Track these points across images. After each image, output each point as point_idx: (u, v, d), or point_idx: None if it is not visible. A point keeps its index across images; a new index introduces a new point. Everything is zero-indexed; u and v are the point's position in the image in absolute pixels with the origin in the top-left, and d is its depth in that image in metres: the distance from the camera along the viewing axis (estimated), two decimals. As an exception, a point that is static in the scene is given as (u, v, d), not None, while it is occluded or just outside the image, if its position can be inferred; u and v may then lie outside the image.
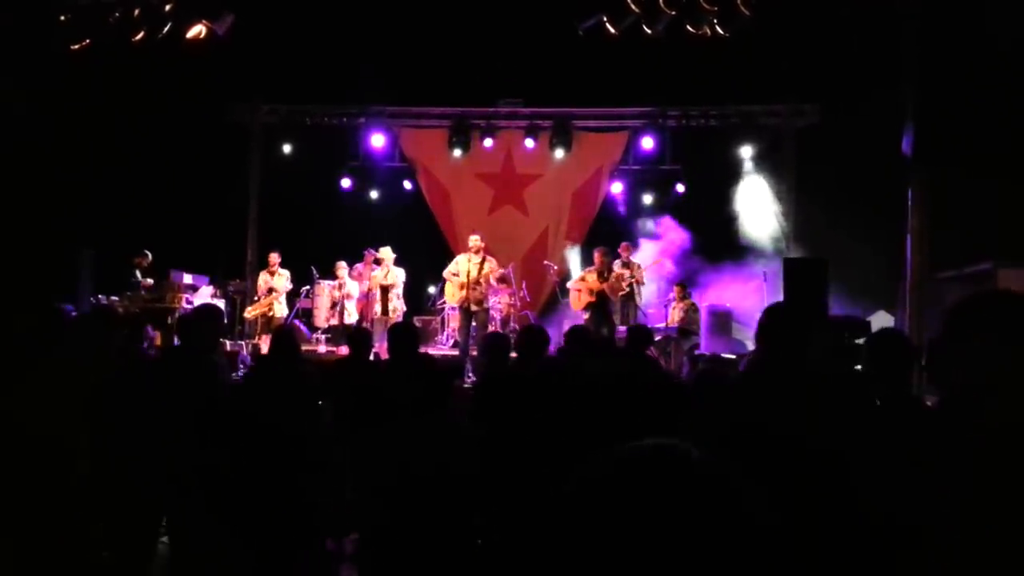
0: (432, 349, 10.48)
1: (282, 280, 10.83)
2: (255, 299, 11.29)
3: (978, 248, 9.00)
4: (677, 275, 11.07)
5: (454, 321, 10.93)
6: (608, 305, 9.87)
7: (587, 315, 9.86)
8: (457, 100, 12.69)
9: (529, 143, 12.75)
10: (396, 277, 10.47)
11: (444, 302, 11.26)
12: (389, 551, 3.78)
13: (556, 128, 12.66)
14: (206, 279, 11.03)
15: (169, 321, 9.77)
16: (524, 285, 11.90)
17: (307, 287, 11.21)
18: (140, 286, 10.17)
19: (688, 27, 9.43)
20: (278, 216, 12.48)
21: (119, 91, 10.71)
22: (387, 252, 10.48)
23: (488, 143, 12.83)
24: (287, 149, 12.67)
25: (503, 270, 10.63)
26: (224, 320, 4.88)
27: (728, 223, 12.06)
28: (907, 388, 3.11)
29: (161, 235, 10.79)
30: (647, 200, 12.77)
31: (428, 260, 11.73)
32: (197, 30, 9.76)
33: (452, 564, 3.44)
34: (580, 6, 9.73)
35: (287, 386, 4.09)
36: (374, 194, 13.17)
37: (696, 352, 9.16)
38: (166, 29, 9.75)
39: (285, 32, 10.35)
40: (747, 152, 12.16)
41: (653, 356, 6.69)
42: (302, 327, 11.15)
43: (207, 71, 10.57)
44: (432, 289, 11.89)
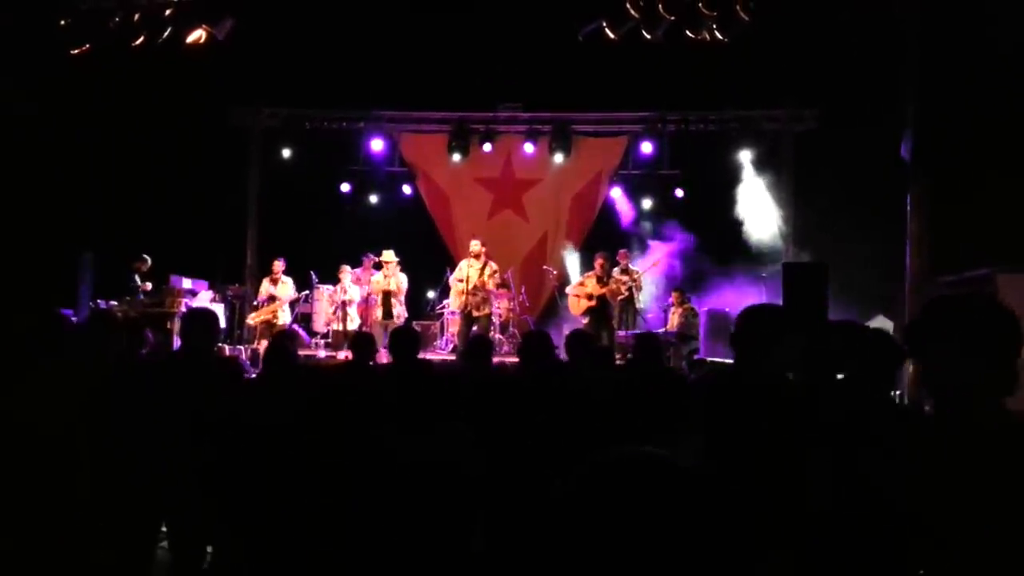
0: (431, 354, 10.47)
1: (286, 288, 10.82)
2: (254, 304, 11.28)
3: (977, 253, 9.01)
4: (675, 280, 11.07)
5: (453, 326, 10.93)
6: (608, 310, 9.88)
7: (587, 320, 9.86)
8: (457, 105, 12.72)
9: (529, 148, 12.77)
10: (401, 282, 10.47)
11: (443, 307, 11.27)
12: (387, 557, 3.78)
13: (555, 133, 12.68)
14: (205, 284, 11.03)
15: (168, 326, 9.77)
16: (523, 290, 11.90)
17: (306, 292, 11.21)
18: (139, 290, 10.16)
19: (687, 32, 9.45)
20: (278, 221, 12.48)
21: (119, 95, 10.72)
22: (390, 255, 10.46)
23: (488, 148, 12.84)
24: (287, 153, 12.68)
25: (503, 275, 10.64)
26: (219, 323, 4.89)
27: (727, 228, 12.05)
28: (888, 391, 3.04)
29: (161, 239, 10.78)
30: (646, 205, 12.77)
31: (427, 265, 11.74)
32: (197, 35, 9.77)
33: (451, 569, 3.44)
34: (580, 11, 9.75)
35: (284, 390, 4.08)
36: (374, 199, 13.17)
37: (695, 357, 9.17)
38: (166, 34, 9.76)
39: (286, 36, 10.36)
40: (746, 157, 12.16)
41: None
42: (301, 332, 11.14)
43: (207, 75, 10.58)
44: (431, 294, 11.89)
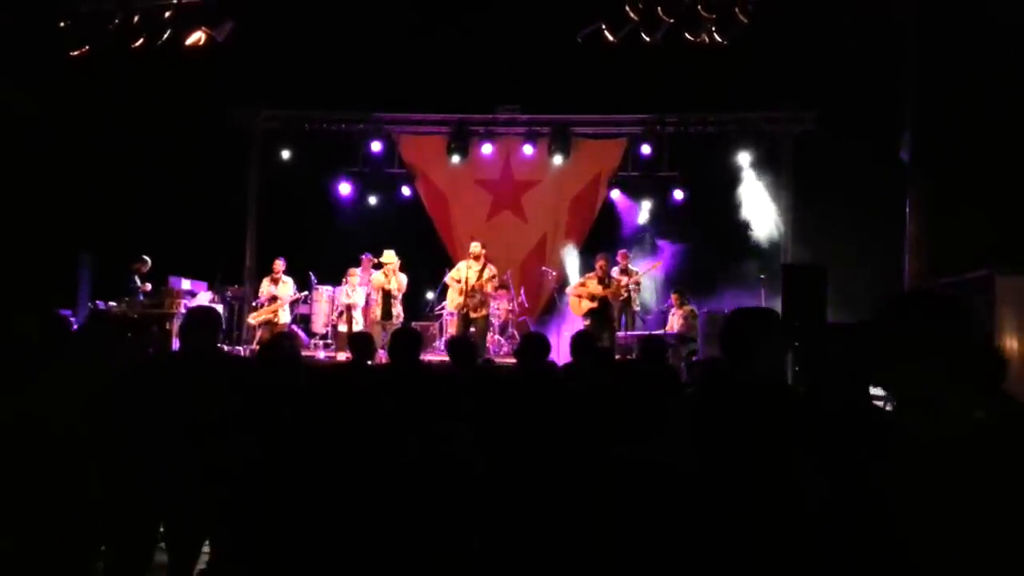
0: (430, 355, 10.48)
1: (286, 288, 10.83)
2: (253, 305, 11.29)
3: (976, 255, 9.02)
4: (675, 282, 11.09)
5: (452, 327, 10.94)
6: (609, 311, 9.89)
7: (587, 321, 9.88)
8: (456, 107, 12.74)
9: (528, 150, 12.79)
10: (401, 282, 10.46)
11: (443, 308, 11.27)
12: (388, 556, 3.78)
13: (555, 135, 12.69)
14: (205, 285, 11.03)
15: (167, 326, 9.78)
16: (522, 291, 11.92)
17: (305, 292, 11.22)
18: (139, 291, 10.16)
19: (686, 34, 9.46)
20: (277, 222, 12.49)
21: (119, 97, 10.73)
22: (390, 256, 10.44)
23: (487, 149, 12.86)
24: (286, 155, 12.69)
25: (502, 277, 10.65)
26: (221, 323, 4.92)
27: (727, 230, 12.07)
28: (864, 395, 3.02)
29: (160, 240, 10.79)
30: (645, 206, 12.79)
31: (426, 266, 11.74)
32: (197, 37, 9.78)
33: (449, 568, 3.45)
34: (579, 13, 9.77)
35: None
36: (373, 200, 13.18)
37: (694, 359, 9.18)
38: (166, 36, 9.77)
39: (285, 38, 10.38)
40: (745, 159, 12.17)
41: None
42: (300, 333, 11.16)
43: (207, 77, 10.59)
44: (430, 295, 11.90)
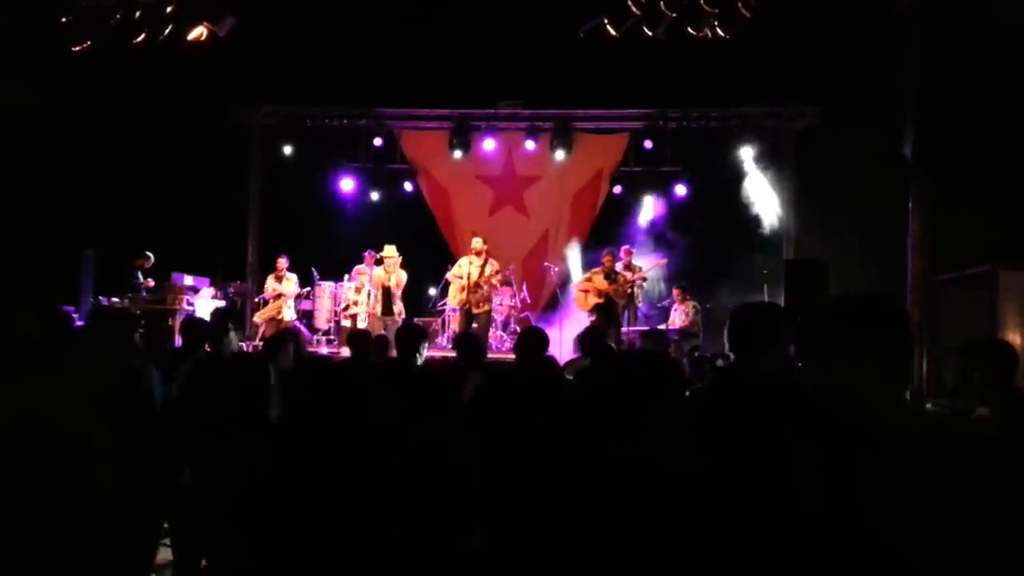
0: (433, 350, 10.47)
1: (290, 285, 10.83)
2: (256, 302, 11.30)
3: (978, 250, 9.01)
4: (677, 277, 11.07)
5: (455, 323, 10.94)
6: (615, 307, 9.89)
7: (592, 317, 9.86)
8: (457, 102, 12.70)
9: (530, 145, 12.76)
10: (400, 279, 10.45)
11: (444, 304, 11.27)
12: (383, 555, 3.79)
13: (557, 130, 12.67)
14: (207, 281, 11.04)
15: (169, 323, 9.79)
16: (525, 287, 11.91)
17: (308, 288, 11.22)
18: (141, 287, 10.17)
19: (689, 29, 9.45)
20: (279, 218, 12.48)
21: (120, 93, 10.72)
22: (391, 251, 10.42)
23: (489, 145, 12.84)
24: (288, 151, 12.66)
25: (504, 273, 10.64)
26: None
27: (729, 225, 12.05)
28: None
29: (162, 237, 10.79)
30: (648, 202, 12.77)
31: (429, 262, 11.74)
32: (198, 32, 9.77)
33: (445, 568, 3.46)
34: (581, 8, 9.75)
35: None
36: (375, 196, 13.16)
37: (697, 355, 9.15)
38: (167, 31, 9.76)
39: (286, 34, 10.36)
40: (748, 154, 12.15)
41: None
42: (303, 329, 11.16)
43: (208, 73, 10.58)
44: (433, 291, 11.90)
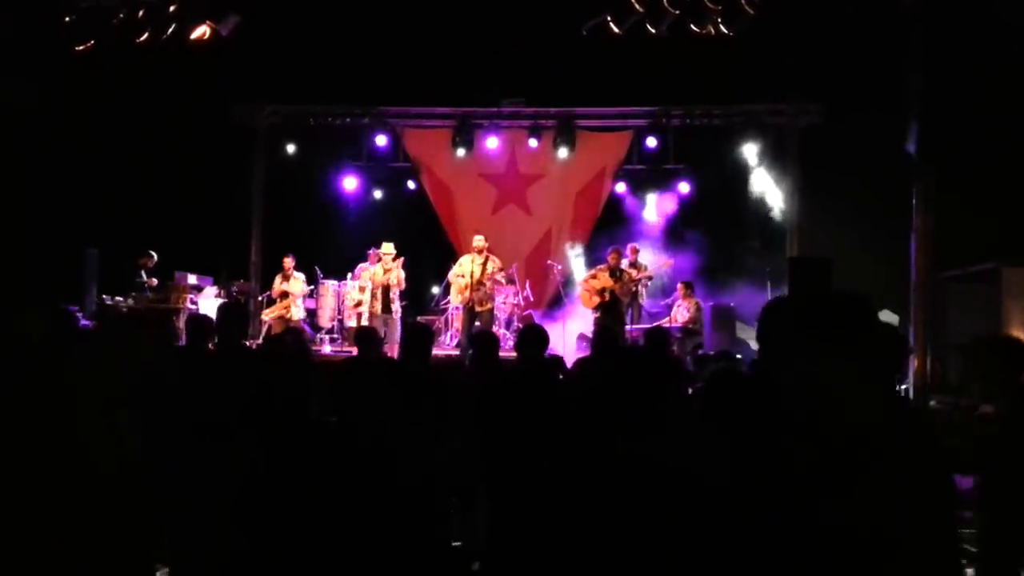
0: (436, 349, 10.47)
1: (297, 284, 10.85)
2: (260, 300, 11.33)
3: (982, 247, 9.00)
4: (682, 273, 11.07)
5: (458, 321, 10.94)
6: (619, 305, 9.89)
7: (597, 315, 9.87)
8: (460, 100, 12.69)
9: (532, 143, 12.75)
10: (400, 276, 10.45)
11: (447, 302, 11.27)
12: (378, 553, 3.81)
13: (559, 127, 12.65)
14: (210, 280, 11.06)
15: (175, 320, 9.80)
16: (528, 285, 11.91)
17: (311, 287, 11.23)
18: (145, 287, 10.19)
19: (692, 26, 9.43)
20: (282, 217, 12.50)
21: (123, 92, 10.74)
22: (389, 248, 10.40)
23: (491, 143, 12.83)
24: (291, 149, 12.66)
25: (507, 271, 10.63)
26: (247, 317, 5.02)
27: (732, 222, 12.05)
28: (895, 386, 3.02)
29: (166, 236, 10.81)
30: (651, 199, 12.77)
31: (431, 260, 11.75)
32: (201, 31, 9.78)
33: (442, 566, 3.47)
34: (584, 6, 9.74)
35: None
36: (378, 194, 13.18)
37: (700, 352, 9.16)
38: (170, 30, 9.77)
39: (289, 32, 10.37)
40: (751, 151, 12.13)
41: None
42: (306, 327, 11.17)
43: (211, 72, 10.59)
44: (436, 289, 11.90)
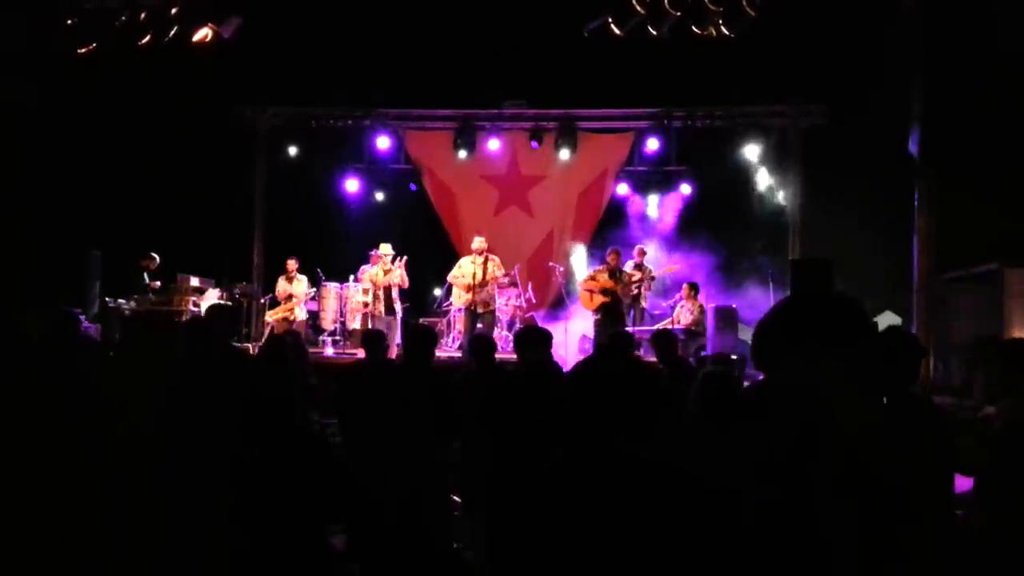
0: (438, 351, 10.47)
1: (301, 286, 10.86)
2: (262, 302, 11.34)
3: (984, 248, 8.99)
4: (684, 275, 11.07)
5: (460, 323, 10.93)
6: (620, 306, 9.88)
7: (598, 316, 9.86)
8: (462, 102, 12.69)
9: (534, 144, 12.74)
10: (404, 276, 10.43)
11: (450, 304, 11.26)
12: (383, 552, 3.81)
13: (561, 129, 12.65)
14: (213, 282, 11.06)
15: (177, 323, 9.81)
16: (530, 287, 11.90)
17: (314, 289, 11.23)
18: (148, 289, 10.19)
19: (693, 27, 9.43)
20: (284, 219, 12.50)
21: (126, 94, 10.76)
22: (387, 248, 10.38)
23: (493, 145, 12.82)
24: (292, 151, 12.66)
25: (509, 273, 10.62)
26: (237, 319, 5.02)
27: (734, 223, 12.04)
28: (910, 387, 3.02)
29: (168, 238, 10.82)
30: (653, 201, 12.76)
31: (434, 262, 11.74)
32: (203, 33, 9.80)
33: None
34: (585, 7, 9.74)
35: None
36: (379, 196, 13.18)
37: (702, 353, 9.16)
38: (172, 33, 9.79)
39: (290, 35, 10.38)
40: (753, 152, 12.12)
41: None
42: (309, 330, 11.18)
43: (213, 74, 10.61)
44: (438, 291, 11.90)
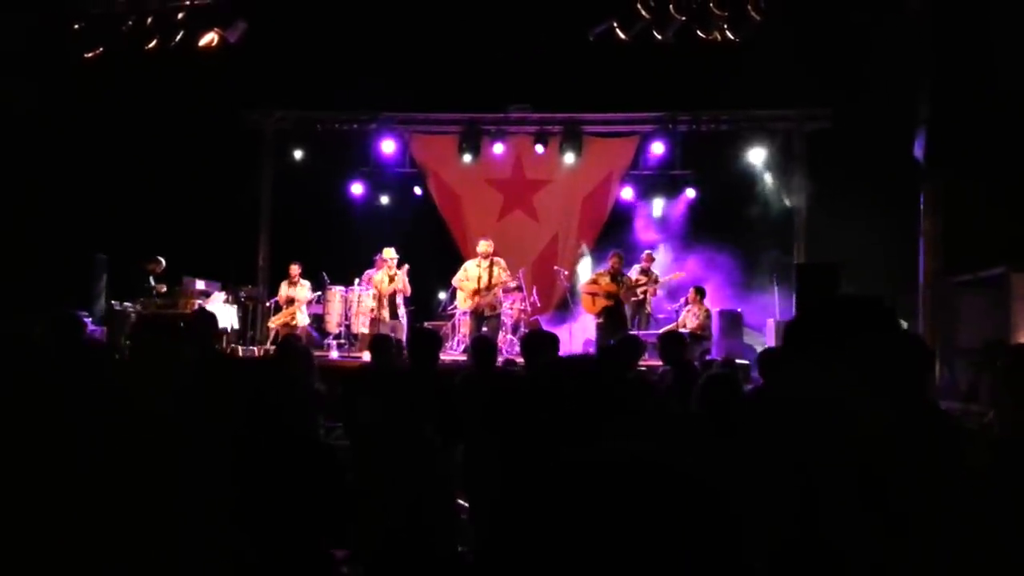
0: (443, 355, 10.46)
1: (303, 291, 10.88)
2: (268, 306, 11.36)
3: (991, 252, 8.95)
4: (688, 279, 11.05)
5: (465, 327, 10.94)
6: (623, 309, 9.86)
7: (600, 320, 9.84)
8: (467, 106, 12.72)
9: (539, 148, 12.75)
10: (406, 282, 10.45)
11: (455, 307, 11.26)
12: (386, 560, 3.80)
13: (566, 133, 12.66)
14: (218, 285, 11.08)
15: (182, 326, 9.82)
16: (534, 291, 11.90)
17: (318, 293, 11.25)
18: (154, 292, 10.22)
19: (698, 32, 9.43)
20: (290, 222, 12.53)
21: (132, 99, 10.80)
22: (391, 252, 10.38)
23: (498, 149, 12.84)
24: (298, 155, 12.71)
25: (515, 278, 10.62)
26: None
27: (739, 228, 12.02)
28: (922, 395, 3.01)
29: (173, 241, 10.85)
30: (658, 205, 12.75)
31: (438, 266, 11.75)
32: (209, 38, 9.83)
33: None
34: (590, 12, 9.75)
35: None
36: (385, 200, 13.20)
37: (707, 358, 9.13)
38: (179, 37, 9.82)
39: (297, 39, 10.41)
40: (758, 156, 12.11)
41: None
42: (313, 333, 11.19)
43: (219, 78, 10.64)
44: (443, 295, 11.90)
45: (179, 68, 10.16)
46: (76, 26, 9.84)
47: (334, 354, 10.82)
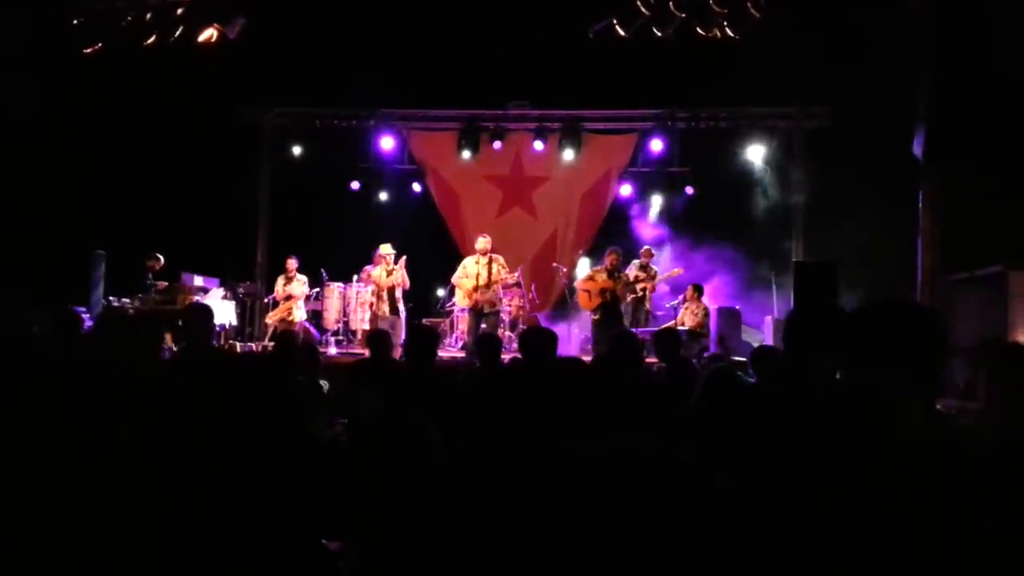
0: (441, 351, 10.48)
1: (300, 286, 10.87)
2: (266, 302, 11.36)
3: (989, 250, 8.96)
4: (686, 276, 11.06)
5: (463, 323, 10.95)
6: (618, 306, 9.85)
7: (596, 316, 9.84)
8: (466, 102, 12.72)
9: (538, 145, 12.75)
10: (405, 276, 10.44)
11: (453, 304, 11.27)
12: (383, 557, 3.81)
13: (565, 130, 12.66)
14: (217, 281, 11.08)
15: (180, 323, 9.83)
16: (533, 287, 11.91)
17: (317, 289, 11.25)
18: (152, 288, 10.22)
19: (698, 29, 9.43)
20: (288, 218, 12.53)
21: (131, 94, 10.79)
22: (388, 248, 10.36)
23: (497, 145, 12.84)
24: (297, 151, 12.70)
25: (514, 275, 10.62)
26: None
27: (737, 225, 12.03)
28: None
29: (172, 237, 10.85)
30: (656, 202, 12.76)
31: (437, 262, 11.75)
32: (208, 34, 9.82)
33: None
34: (590, 8, 9.74)
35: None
36: (383, 196, 13.19)
37: (705, 355, 9.15)
38: (178, 33, 9.81)
39: (295, 35, 10.40)
40: (757, 154, 12.11)
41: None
42: (312, 329, 11.19)
43: (218, 74, 10.63)
44: (441, 292, 11.91)
45: (178, 64, 10.15)
46: (75, 22, 9.83)
47: (332, 350, 10.84)
